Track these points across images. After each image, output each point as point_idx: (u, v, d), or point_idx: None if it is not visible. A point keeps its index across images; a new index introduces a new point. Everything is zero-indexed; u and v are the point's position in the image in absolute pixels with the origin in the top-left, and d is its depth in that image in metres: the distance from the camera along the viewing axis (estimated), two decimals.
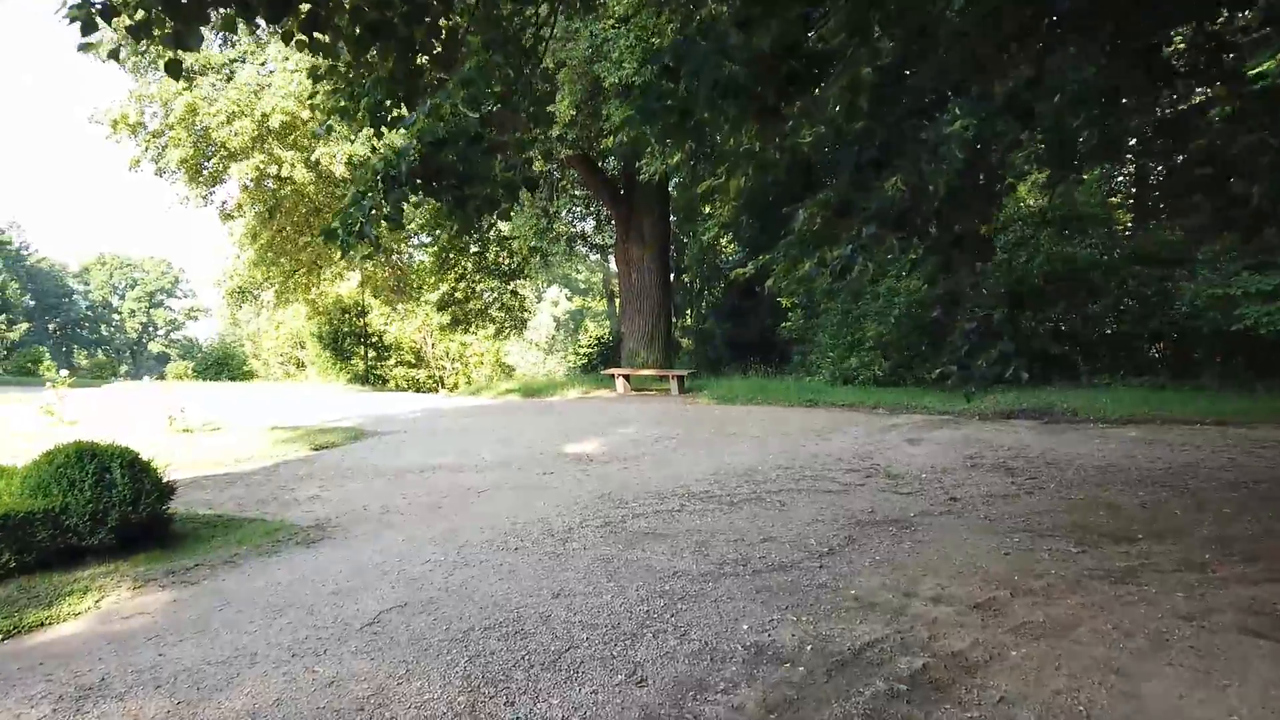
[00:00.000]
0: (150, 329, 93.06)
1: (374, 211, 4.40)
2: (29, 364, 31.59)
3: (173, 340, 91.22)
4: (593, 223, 28.48)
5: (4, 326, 61.27)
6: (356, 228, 4.29)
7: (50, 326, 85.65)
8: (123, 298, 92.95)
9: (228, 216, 16.11)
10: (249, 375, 29.34)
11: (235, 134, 13.99)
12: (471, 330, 25.08)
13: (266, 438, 11.49)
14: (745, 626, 4.25)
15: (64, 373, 13.58)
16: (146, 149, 14.41)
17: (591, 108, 14.93)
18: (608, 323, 43.78)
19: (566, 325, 60.76)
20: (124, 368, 72.04)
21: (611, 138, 13.86)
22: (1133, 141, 9.38)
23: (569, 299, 63.88)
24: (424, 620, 4.43)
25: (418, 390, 28.10)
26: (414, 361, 29.27)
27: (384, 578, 5.21)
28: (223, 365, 28.83)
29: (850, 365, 16.00)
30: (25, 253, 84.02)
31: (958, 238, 5.20)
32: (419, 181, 4.51)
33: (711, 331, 27.80)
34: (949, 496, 7.16)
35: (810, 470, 8.50)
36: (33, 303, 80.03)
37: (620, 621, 4.35)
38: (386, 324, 27.10)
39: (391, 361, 27.71)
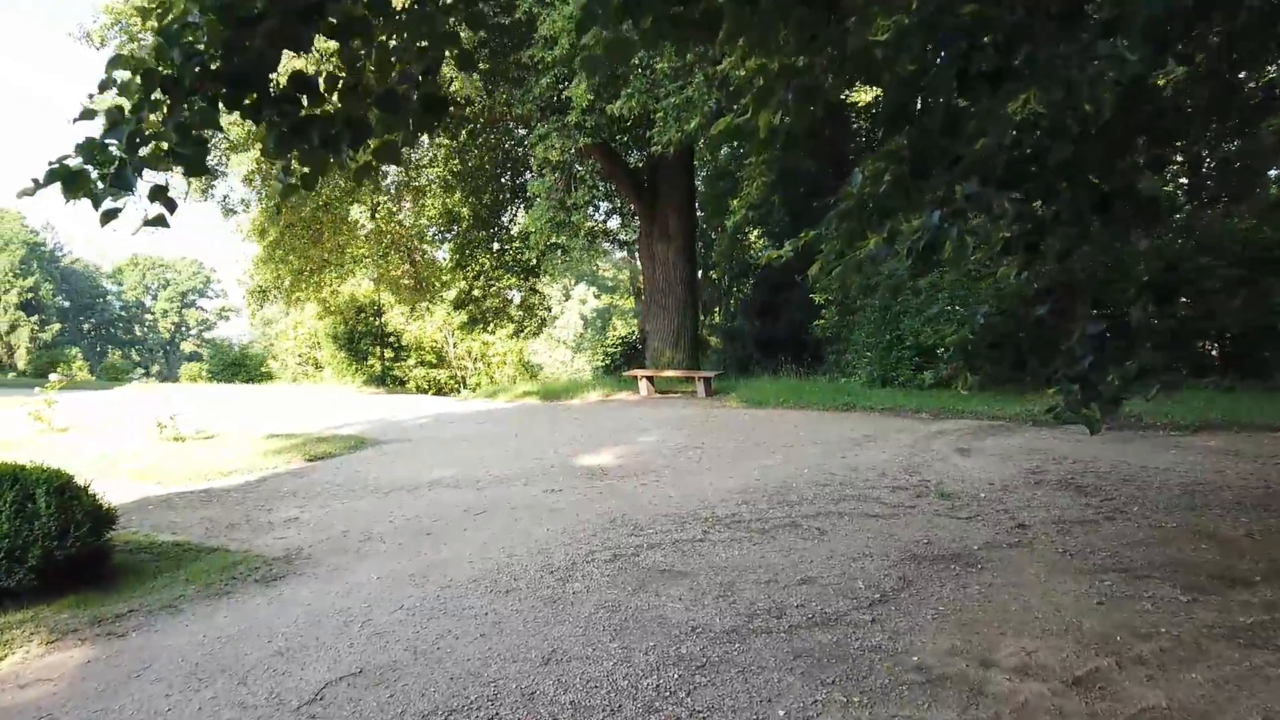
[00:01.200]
0: (183, 329, 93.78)
1: (140, 141, 2.81)
2: (48, 364, 31.25)
3: (205, 340, 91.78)
4: (618, 219, 27.64)
5: (36, 327, 61.62)
6: (111, 167, 2.77)
7: (85, 327, 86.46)
8: (155, 298, 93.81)
9: (229, 212, 15.41)
10: (267, 377, 28.81)
11: (234, 123, 13.20)
12: (490, 330, 24.29)
13: (260, 447, 10.71)
14: (781, 712, 3.32)
15: (54, 376, 12.89)
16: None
17: (611, 92, 13.99)
18: (635, 321, 42.93)
19: (594, 323, 59.98)
20: (156, 367, 72.38)
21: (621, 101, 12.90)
22: None
23: (596, 296, 63.12)
24: (377, 698, 3.53)
25: (438, 392, 27.38)
26: (435, 362, 28.56)
27: (344, 631, 4.33)
28: (239, 367, 28.33)
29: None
30: (60, 254, 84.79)
31: (1105, 197, 3.83)
32: (223, 89, 2.87)
33: (740, 330, 26.81)
34: (1016, 523, 6.15)
35: (851, 487, 7.52)
36: (67, 304, 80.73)
37: (623, 702, 3.43)
38: (406, 323, 26.41)
39: (411, 361, 27.00)
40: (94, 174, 2.71)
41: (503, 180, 20.11)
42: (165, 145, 2.87)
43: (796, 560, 5.34)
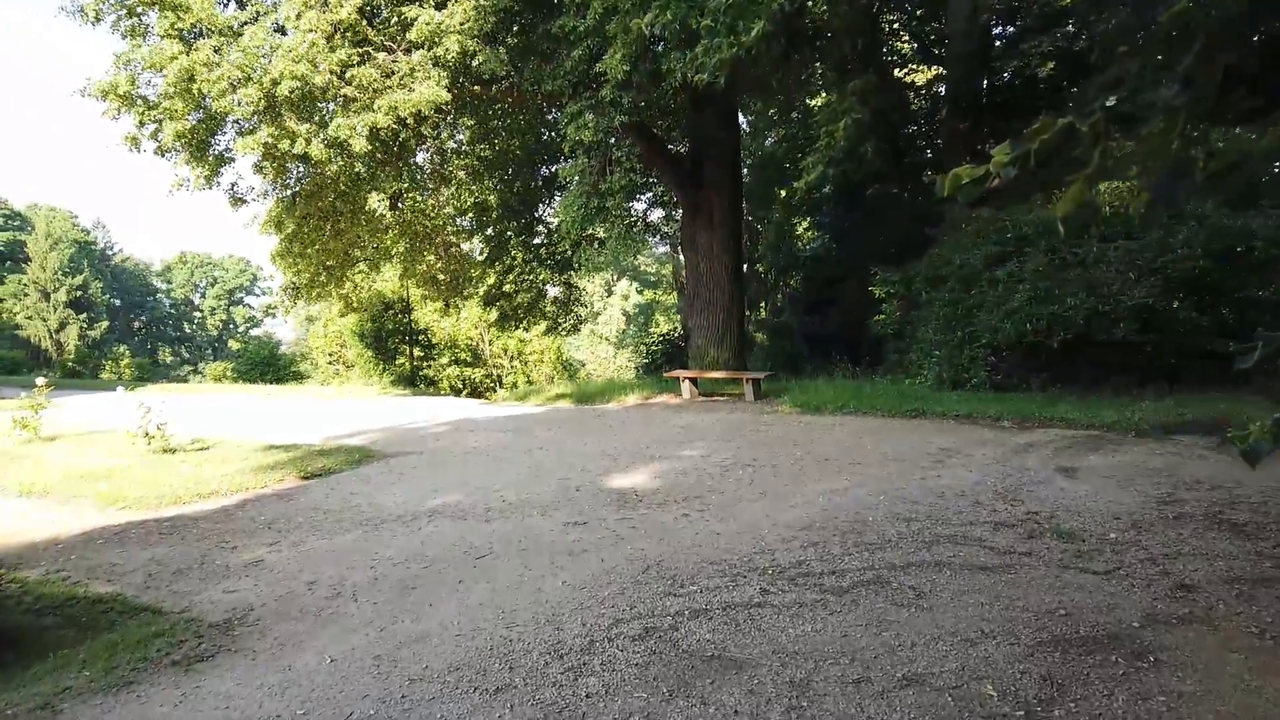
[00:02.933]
0: (230, 326, 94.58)
1: None
2: (78, 365, 30.75)
3: (251, 337, 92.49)
4: (660, 211, 26.24)
5: (84, 325, 62.03)
6: None
7: (135, 325, 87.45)
8: (203, 295, 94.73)
9: (238, 201, 14.30)
10: (298, 377, 27.91)
11: (239, 104, 12.05)
12: (523, 327, 23.05)
13: (254, 461, 9.52)
14: None
15: (41, 380, 11.88)
16: (142, 123, 12.59)
17: (651, 63, 12.61)
18: (678, 317, 41.52)
19: (636, 319, 58.67)
20: (203, 364, 72.23)
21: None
22: None
23: (639, 292, 61.80)
24: None
25: (473, 392, 26.26)
26: (470, 360, 27.43)
27: None
28: (267, 366, 27.47)
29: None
30: (111, 253, 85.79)
31: None
32: None
33: (787, 325, 25.30)
34: (1174, 582, 4.67)
35: (942, 522, 6.06)
36: (118, 302, 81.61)
37: None
38: (438, 320, 25.26)
39: (445, 360, 25.87)
40: None
41: (535, 168, 18.80)
42: None
43: (892, 642, 3.93)
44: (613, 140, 13.92)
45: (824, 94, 24.86)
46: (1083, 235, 12.60)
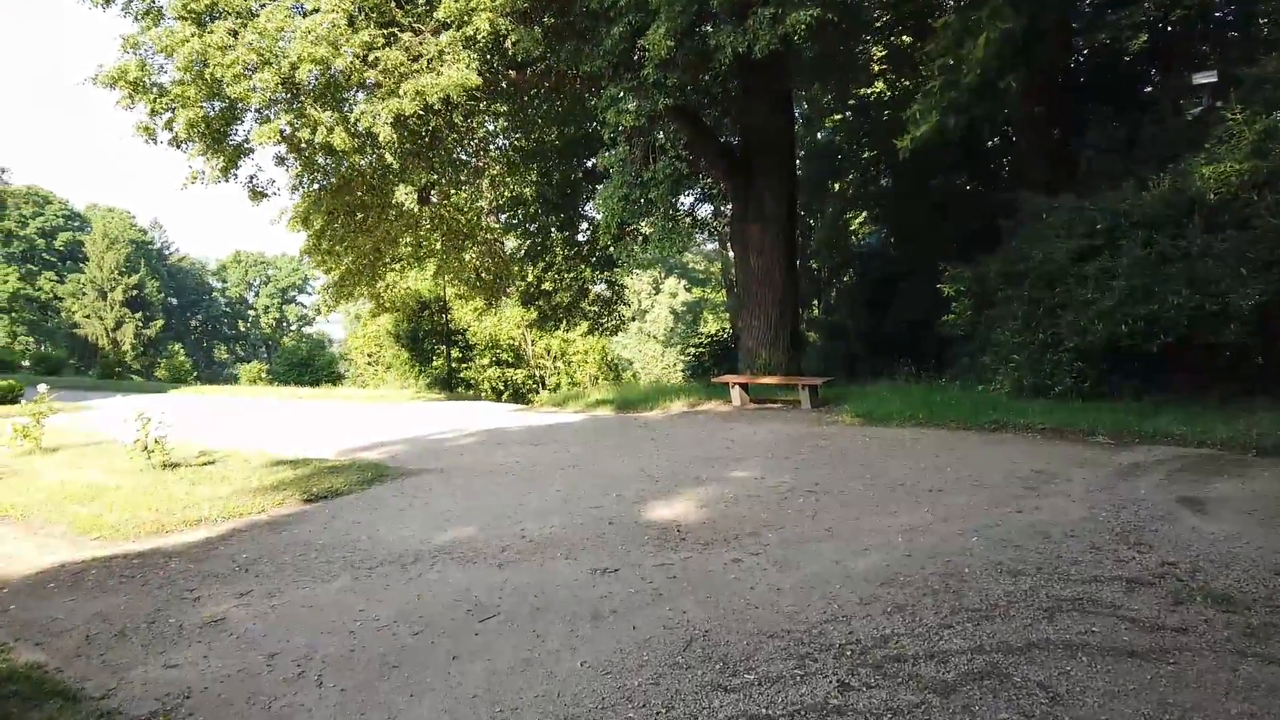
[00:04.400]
0: (283, 324, 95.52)
1: None
2: (116, 367, 30.49)
3: (304, 335, 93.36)
4: (709, 207, 25.04)
5: (140, 324, 62.69)
6: None
7: (192, 323, 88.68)
8: (257, 294, 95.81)
9: (258, 195, 13.47)
10: (336, 379, 27.26)
11: (255, 89, 11.18)
12: (563, 328, 22.02)
13: (257, 479, 8.61)
14: None
15: (42, 388, 11.13)
16: (154, 112, 11.79)
17: (699, 39, 11.50)
18: (727, 316, 40.26)
19: (685, 318, 57.51)
20: (258, 363, 72.70)
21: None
22: None
23: (688, 290, 60.62)
24: None
25: (514, 394, 25.35)
26: (513, 361, 26.51)
27: None
28: (304, 367, 26.85)
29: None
30: (167, 252, 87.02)
31: None
32: None
33: (842, 325, 23.95)
34: None
35: (1058, 576, 4.87)
36: (175, 300, 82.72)
37: None
38: (477, 319, 24.32)
39: (485, 361, 24.95)
40: None
41: (575, 159, 17.71)
42: None
43: None
44: (656, 126, 12.80)
45: (880, 82, 23.60)
46: (1184, 225, 11.17)
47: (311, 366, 27.50)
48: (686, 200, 21.90)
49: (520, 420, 13.95)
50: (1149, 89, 17.57)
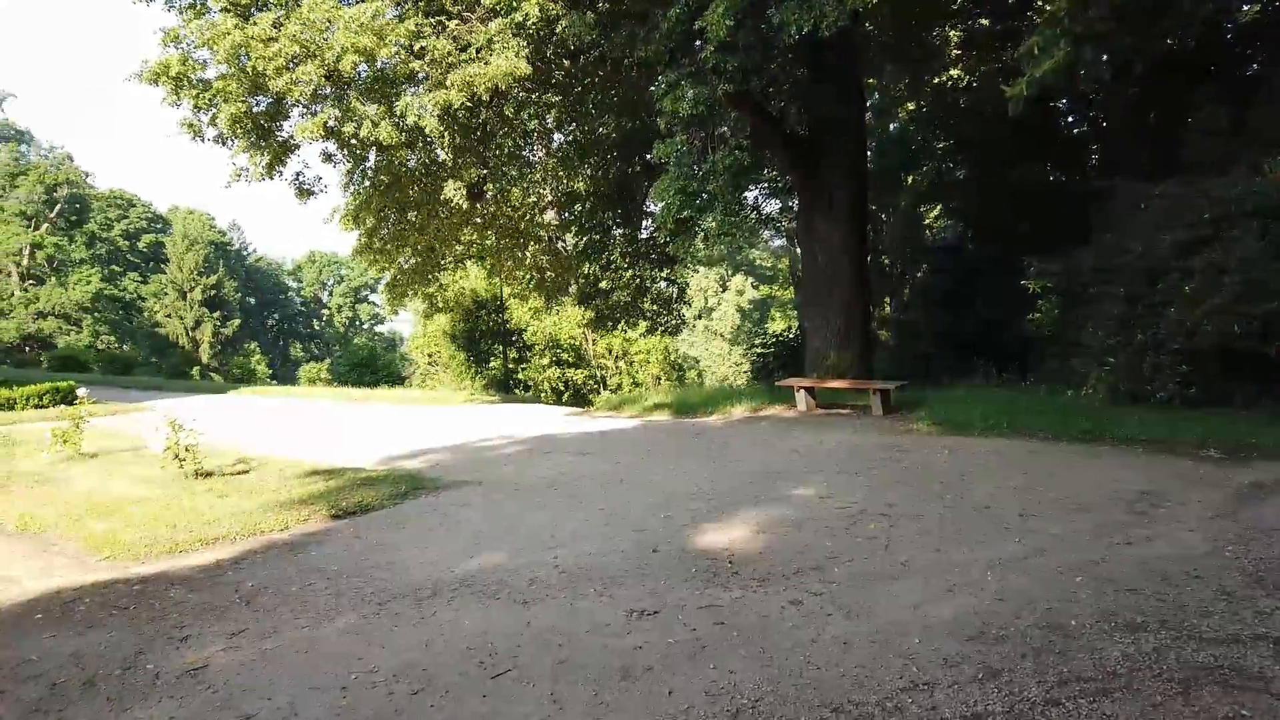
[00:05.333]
0: (356, 323, 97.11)
1: None
2: (190, 366, 30.85)
3: (376, 334, 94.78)
4: (777, 202, 24.17)
5: (218, 323, 64.15)
6: None
7: (269, 322, 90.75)
8: (330, 294, 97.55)
9: (304, 193, 13.11)
10: (393, 380, 27.08)
11: (297, 83, 10.78)
12: (621, 329, 21.38)
13: (286, 491, 8.14)
14: None
15: (83, 391, 10.92)
16: (197, 107, 11.48)
17: (761, 19, 10.70)
18: (795, 313, 39.19)
19: (752, 316, 56.47)
20: (318, 363, 73.99)
21: None
22: None
23: (755, 287, 59.54)
24: None
25: (575, 395, 24.79)
26: (573, 361, 25.96)
27: None
28: (365, 368, 26.74)
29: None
30: (245, 253, 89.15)
31: None
32: None
33: (915, 324, 22.81)
34: None
35: (1187, 634, 4.01)
36: (252, 300, 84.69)
37: None
38: (535, 319, 23.78)
39: (545, 361, 24.45)
40: None
41: (632, 152, 16.98)
42: None
43: None
44: (716, 114, 12.03)
45: (957, 68, 22.40)
46: None
47: (372, 367, 27.44)
48: (750, 194, 21.02)
49: (572, 426, 13.32)
50: (1255, 66, 16.13)
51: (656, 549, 5.88)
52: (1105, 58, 11.40)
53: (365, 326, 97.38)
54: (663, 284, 19.87)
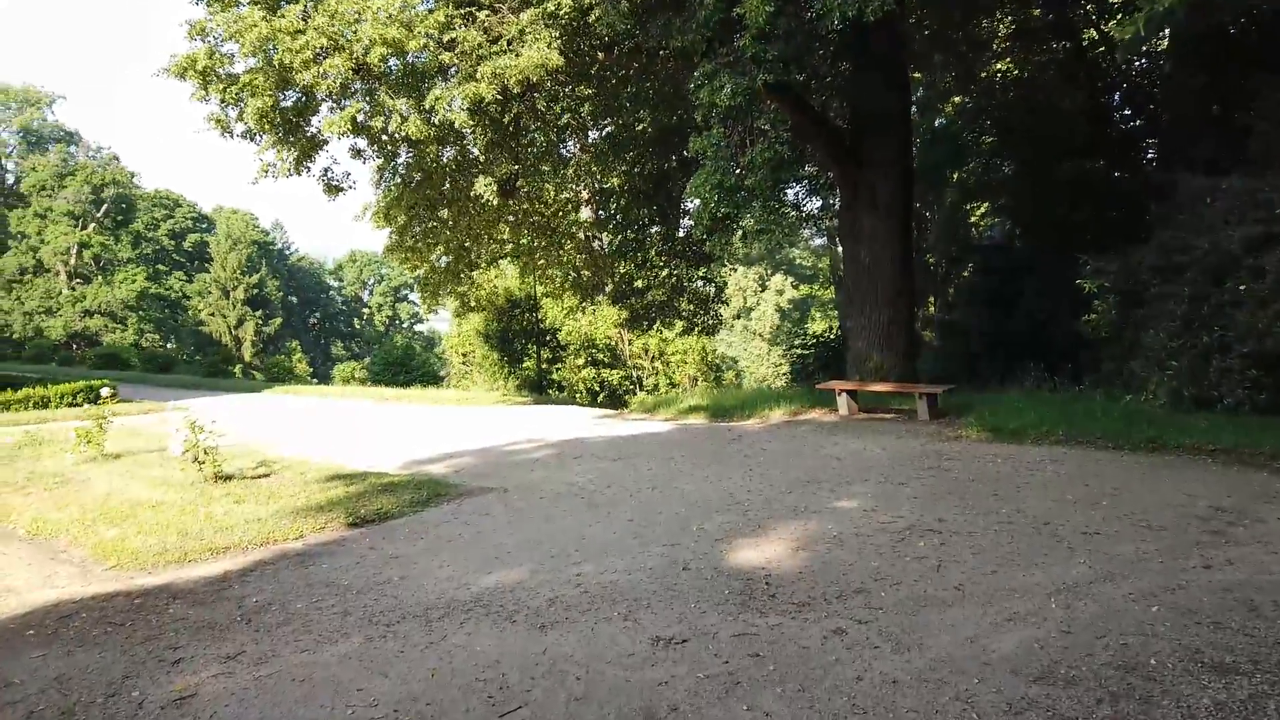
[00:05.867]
0: (396, 322, 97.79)
1: None
2: (231, 364, 30.96)
3: (415, 333, 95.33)
4: (819, 200, 23.57)
5: (260, 321, 64.91)
6: None
7: (310, 321, 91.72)
8: (371, 293, 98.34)
9: (333, 189, 12.89)
10: (428, 380, 26.89)
11: (324, 76, 10.52)
12: (656, 329, 20.91)
13: (305, 497, 7.86)
14: None
15: (107, 391, 10.77)
16: (224, 102, 11.28)
17: (803, 6, 10.23)
18: (835, 313, 38.47)
19: (792, 316, 55.73)
20: (353, 362, 74.69)
21: None
22: None
23: (795, 287, 58.77)
24: None
25: (611, 396, 24.44)
26: (609, 361, 25.60)
27: None
28: (400, 367, 26.60)
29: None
30: (288, 252, 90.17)
31: None
32: None
33: (963, 324, 22.08)
34: None
35: None
36: (294, 299, 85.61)
37: None
38: (570, 318, 23.41)
39: (581, 361, 24.11)
40: None
41: (669, 147, 16.52)
42: None
43: None
44: (755, 107, 11.57)
45: (1006, 60, 21.66)
46: None
47: (407, 366, 27.30)
48: (791, 192, 20.47)
49: (603, 429, 12.92)
50: None
51: (687, 566, 5.47)
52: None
53: (405, 325, 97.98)
54: (699, 283, 19.40)
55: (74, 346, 53.64)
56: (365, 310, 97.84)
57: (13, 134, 66.03)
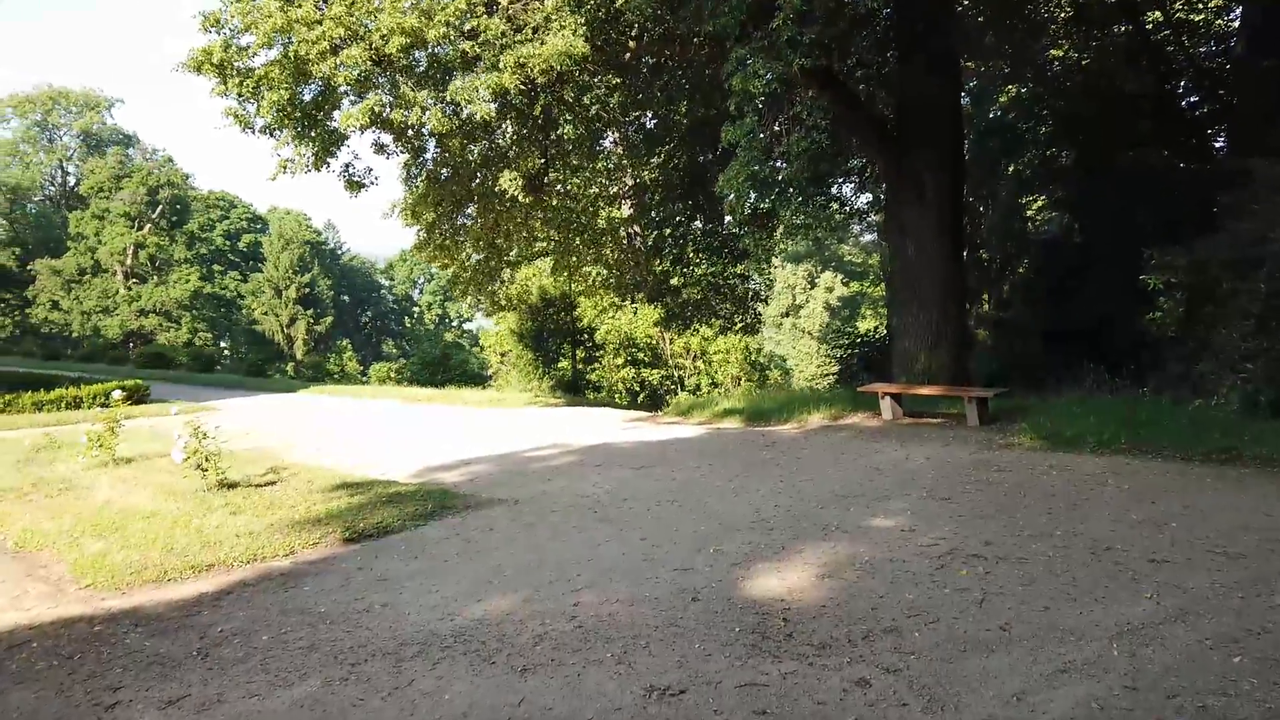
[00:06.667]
0: (445, 320, 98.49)
1: None
2: (262, 361, 31.01)
3: (465, 331, 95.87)
4: (868, 196, 22.75)
5: (312, 320, 65.63)
6: None
7: (362, 320, 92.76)
8: (421, 291, 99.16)
9: (354, 185, 12.53)
10: (465, 379, 26.56)
11: (340, 67, 10.15)
12: (693, 328, 20.31)
13: (305, 508, 7.45)
14: None
15: (118, 394, 10.53)
16: (241, 95, 10.96)
17: None
18: (885, 311, 37.41)
19: (841, 313, 54.67)
20: (389, 362, 75.18)
21: None
22: None
23: (845, 284, 57.66)
24: None
25: (652, 397, 23.85)
26: (650, 360, 25.02)
27: None
28: (438, 366, 26.35)
29: None
30: (340, 252, 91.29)
31: None
32: None
33: (1017, 323, 21.13)
34: None
35: None
36: (346, 298, 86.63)
37: None
38: (608, 316, 22.84)
39: (620, 361, 23.56)
40: None
41: (703, 140, 15.86)
42: None
43: None
44: (793, 93, 10.93)
45: (1064, 45, 20.61)
46: None
47: (445, 366, 27.05)
48: (836, 187, 19.70)
49: (631, 434, 12.35)
50: None
51: (697, 596, 4.90)
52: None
53: (455, 324, 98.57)
54: (737, 280, 18.72)
55: (130, 345, 54.72)
56: (415, 309, 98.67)
57: (73, 137, 67.89)
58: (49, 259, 58.71)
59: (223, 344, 64.37)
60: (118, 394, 10.39)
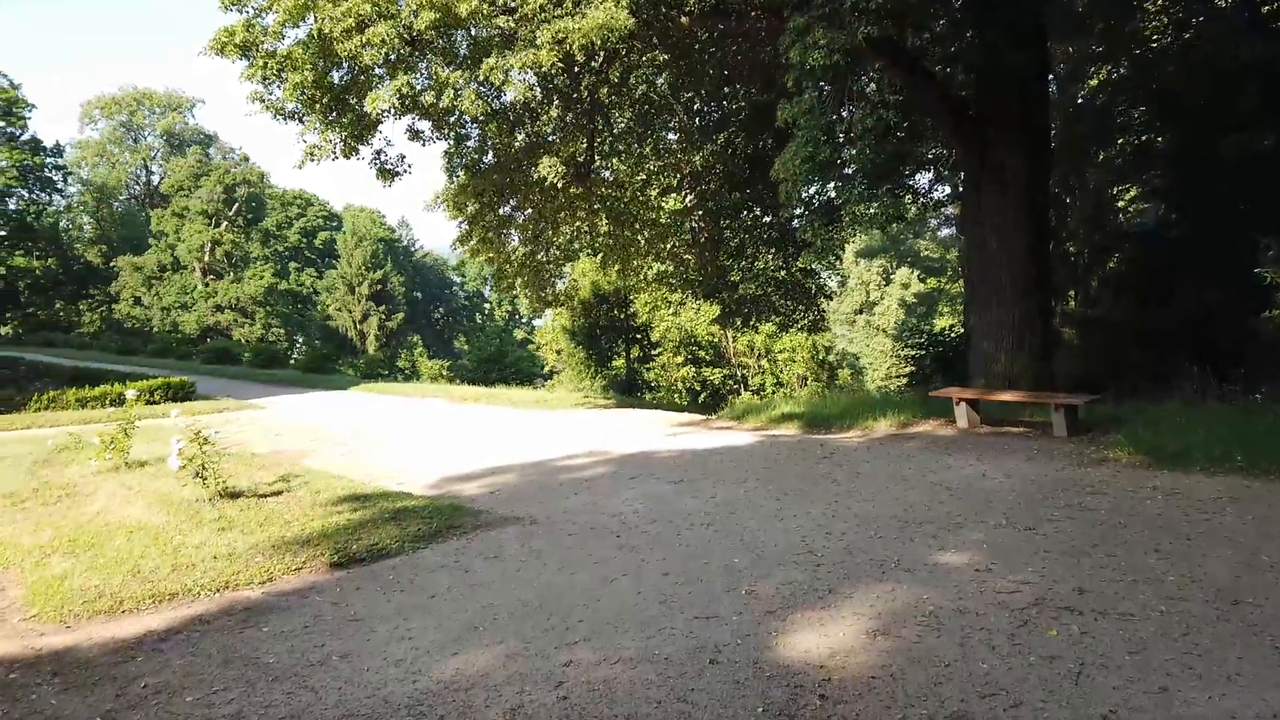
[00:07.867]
0: (515, 317, 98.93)
1: None
2: (323, 357, 30.87)
3: (533, 327, 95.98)
4: (945, 189, 21.40)
5: (383, 316, 66.32)
6: None
7: (434, 316, 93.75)
8: (492, 288, 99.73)
9: (386, 174, 11.87)
10: (522, 378, 25.96)
11: (367, 45, 9.47)
12: (752, 325, 19.25)
13: (301, 523, 6.75)
14: None
15: (132, 393, 10.04)
16: (265, 79, 10.39)
17: None
18: (963, 309, 35.65)
19: (916, 310, 52.71)
20: (440, 360, 75.34)
21: None
22: None
23: (921, 280, 55.61)
24: None
25: (714, 397, 22.91)
26: (712, 359, 24.06)
27: None
28: (492, 364, 25.78)
29: None
30: (413, 249, 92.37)
31: None
32: None
33: (1109, 321, 19.53)
34: None
35: None
36: (419, 295, 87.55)
37: None
38: (653, 312, 21.86)
39: (679, 360, 22.65)
40: None
41: (762, 124, 14.76)
42: None
43: None
44: (858, 68, 9.87)
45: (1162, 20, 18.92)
46: None
47: (501, 364, 26.51)
48: (908, 176, 18.38)
49: (676, 441, 11.36)
50: None
51: (715, 659, 3.97)
52: None
53: (524, 321, 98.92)
54: (800, 275, 17.60)
55: (207, 339, 55.90)
56: (486, 305, 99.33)
57: (157, 137, 69.97)
58: (131, 256, 60.49)
59: (298, 339, 65.43)
60: (131, 394, 9.91)
